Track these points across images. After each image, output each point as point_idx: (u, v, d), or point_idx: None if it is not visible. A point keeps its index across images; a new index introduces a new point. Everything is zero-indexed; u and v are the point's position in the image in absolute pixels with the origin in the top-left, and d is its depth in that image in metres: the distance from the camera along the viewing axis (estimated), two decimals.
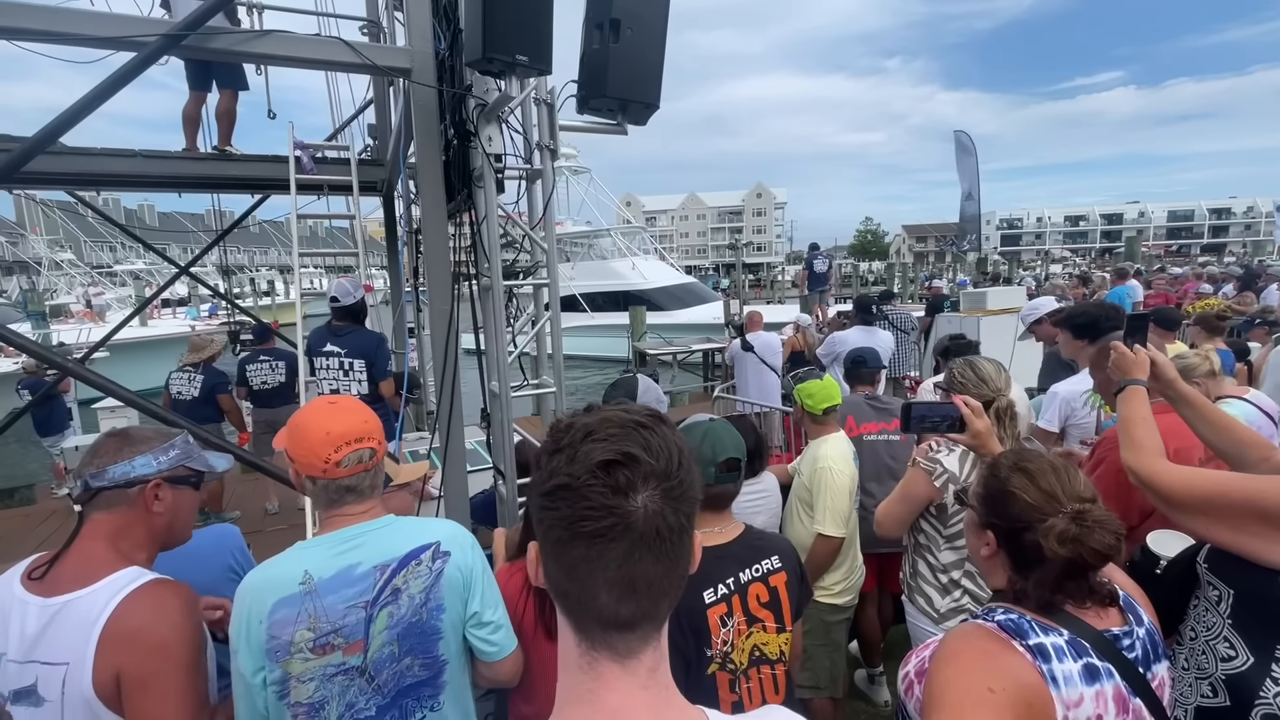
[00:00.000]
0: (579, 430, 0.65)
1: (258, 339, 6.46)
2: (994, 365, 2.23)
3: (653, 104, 3.08)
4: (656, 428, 0.66)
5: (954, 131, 18.41)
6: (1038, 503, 1.13)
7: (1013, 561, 1.19)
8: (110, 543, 1.29)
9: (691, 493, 0.66)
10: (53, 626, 1.19)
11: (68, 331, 15.62)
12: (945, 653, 1.10)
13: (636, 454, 0.62)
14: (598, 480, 0.61)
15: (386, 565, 1.29)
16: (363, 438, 1.31)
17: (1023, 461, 1.21)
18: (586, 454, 0.62)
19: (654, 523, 0.62)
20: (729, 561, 1.63)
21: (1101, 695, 1.03)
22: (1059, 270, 33.05)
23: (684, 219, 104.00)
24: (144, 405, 3.21)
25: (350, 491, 1.32)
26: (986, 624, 1.11)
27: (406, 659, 1.31)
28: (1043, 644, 1.05)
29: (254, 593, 1.23)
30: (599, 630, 0.64)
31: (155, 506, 1.33)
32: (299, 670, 1.22)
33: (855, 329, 5.66)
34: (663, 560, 0.63)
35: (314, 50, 2.72)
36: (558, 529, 0.62)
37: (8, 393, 8.40)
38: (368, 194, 5.27)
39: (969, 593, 2.10)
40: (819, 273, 12.97)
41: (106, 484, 1.28)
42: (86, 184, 5.17)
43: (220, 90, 4.87)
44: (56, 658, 1.17)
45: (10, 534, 5.49)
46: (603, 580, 0.61)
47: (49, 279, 27.18)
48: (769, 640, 1.65)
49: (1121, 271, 11.18)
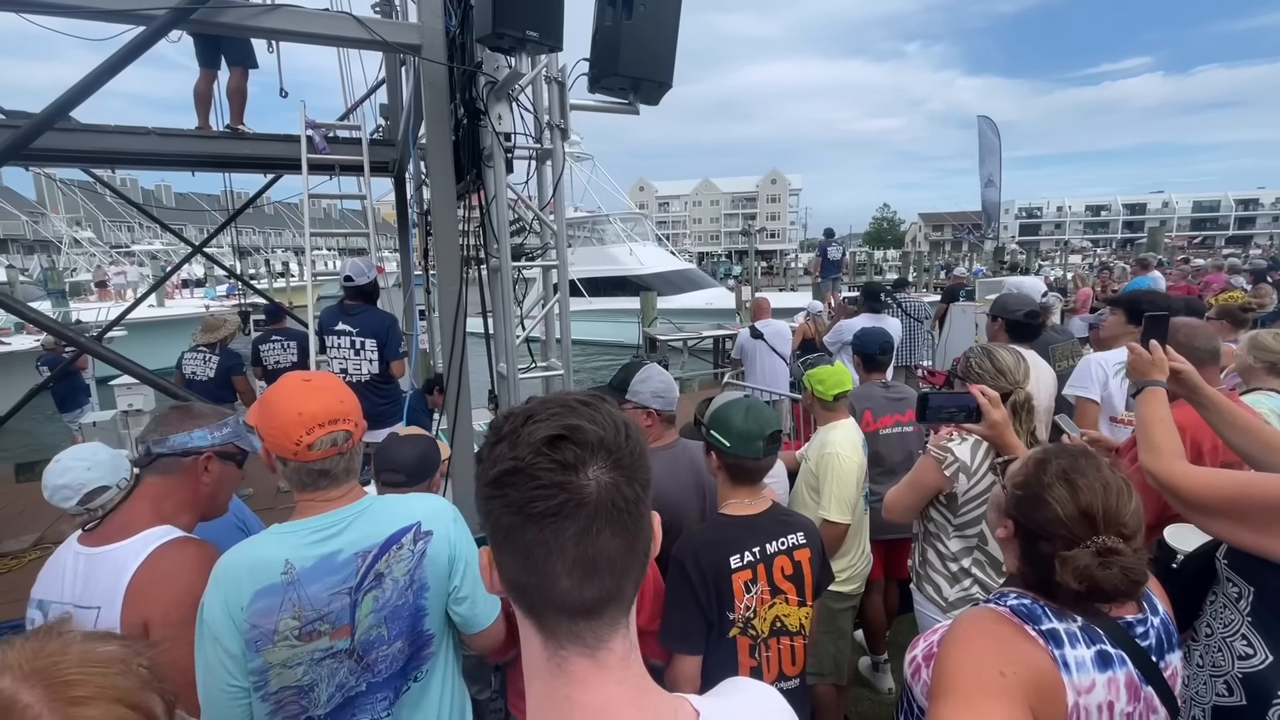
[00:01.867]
0: (518, 416, 0.63)
1: (270, 319, 6.50)
2: (1013, 356, 2.16)
3: (665, 83, 3.03)
4: (597, 404, 0.64)
5: (978, 117, 18.08)
6: (1069, 521, 1.06)
7: (1023, 557, 1.16)
8: (155, 504, 1.41)
9: (643, 462, 0.63)
10: (91, 573, 1.31)
11: (87, 310, 15.85)
12: (955, 635, 1.09)
13: (581, 425, 0.60)
14: (544, 457, 0.58)
15: (367, 552, 1.26)
16: (338, 419, 1.24)
17: (1075, 472, 1.10)
18: (529, 434, 0.60)
19: (608, 495, 0.59)
20: (757, 532, 1.69)
21: (1114, 682, 1.02)
22: (1078, 261, 32.45)
23: (697, 204, 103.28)
24: (158, 383, 3.24)
25: (323, 476, 1.26)
26: (998, 608, 1.09)
27: (397, 641, 1.30)
28: (1055, 629, 1.03)
29: (233, 578, 1.19)
30: (564, 621, 0.60)
31: (204, 477, 1.46)
32: (284, 657, 1.19)
33: (863, 316, 5.59)
34: (621, 534, 0.60)
35: (323, 25, 2.69)
36: (508, 516, 0.59)
37: (28, 369, 8.54)
38: (379, 175, 5.25)
39: (979, 582, 2.07)
40: (833, 260, 12.84)
41: (166, 450, 1.43)
42: (101, 162, 5.20)
43: (230, 68, 4.86)
44: (90, 601, 1.28)
45: (32, 506, 5.60)
46: (560, 564, 0.58)
47: (69, 257, 27.54)
48: (790, 612, 1.70)
49: (1143, 262, 10.94)
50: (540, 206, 3.24)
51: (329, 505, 1.28)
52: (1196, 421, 1.73)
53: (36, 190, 38.96)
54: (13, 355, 11.01)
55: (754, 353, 6.07)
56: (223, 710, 1.19)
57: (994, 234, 19.92)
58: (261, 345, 5.71)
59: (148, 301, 10.12)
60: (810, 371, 2.72)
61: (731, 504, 1.76)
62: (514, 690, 1.80)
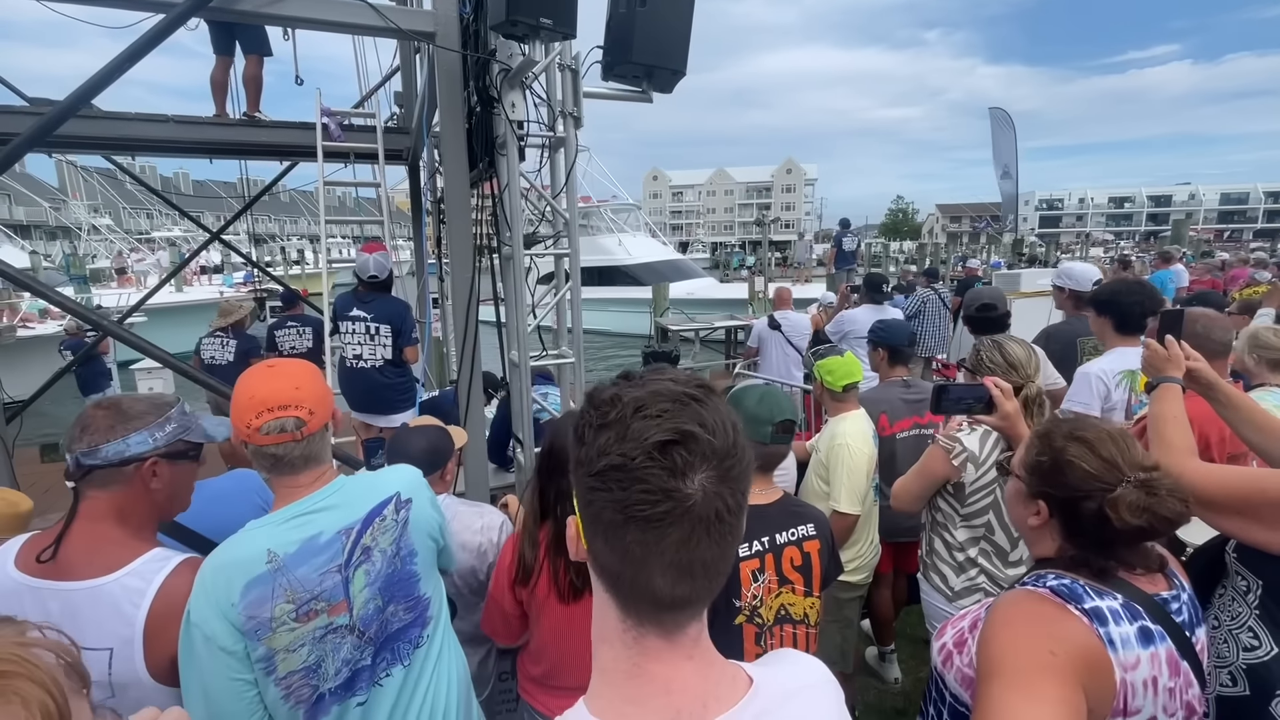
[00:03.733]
0: (628, 404, 0.60)
1: (286, 304, 6.58)
2: (1024, 349, 2.15)
3: (679, 71, 3.01)
4: (708, 400, 0.62)
5: (990, 109, 17.83)
6: (1098, 471, 1.10)
7: (1066, 530, 1.16)
8: (118, 523, 1.25)
9: (748, 471, 0.63)
10: (84, 611, 1.18)
11: (108, 295, 16.13)
12: (999, 618, 1.09)
13: (694, 432, 0.59)
14: (654, 462, 0.57)
15: (350, 529, 1.28)
16: (288, 405, 1.22)
17: (1079, 430, 1.17)
18: (639, 432, 0.58)
19: (712, 505, 0.59)
20: (767, 522, 1.70)
21: (1156, 658, 1.03)
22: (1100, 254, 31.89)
23: (711, 194, 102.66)
24: (179, 366, 3.29)
25: (278, 461, 1.25)
26: (1038, 589, 1.09)
27: (391, 607, 1.33)
28: (1099, 607, 1.04)
29: (219, 574, 1.19)
30: (649, 610, 0.62)
31: (154, 484, 1.28)
32: (286, 641, 1.21)
33: (864, 308, 5.53)
34: (720, 543, 0.60)
35: (338, 12, 2.70)
36: (610, 511, 0.59)
37: (51, 353, 8.72)
38: (393, 162, 5.28)
39: (985, 571, 2.07)
40: (847, 251, 12.73)
41: (99, 463, 1.21)
42: (121, 148, 5.27)
43: (246, 56, 4.90)
44: (97, 643, 1.17)
45: (56, 486, 5.74)
46: (657, 564, 0.59)
47: (89, 244, 27.98)
48: (796, 601, 1.71)
49: (1166, 255, 10.74)
50: (553, 194, 3.25)
51: (300, 492, 1.28)
52: (1206, 413, 1.71)
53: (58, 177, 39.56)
54: (37, 340, 11.24)
55: (769, 343, 6.05)
56: (231, 706, 1.20)
57: (1012, 226, 19.62)
58: (277, 330, 5.79)
59: (166, 287, 10.27)
60: (820, 362, 2.71)
61: None
62: (525, 675, 1.82)
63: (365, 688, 1.31)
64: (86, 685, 0.66)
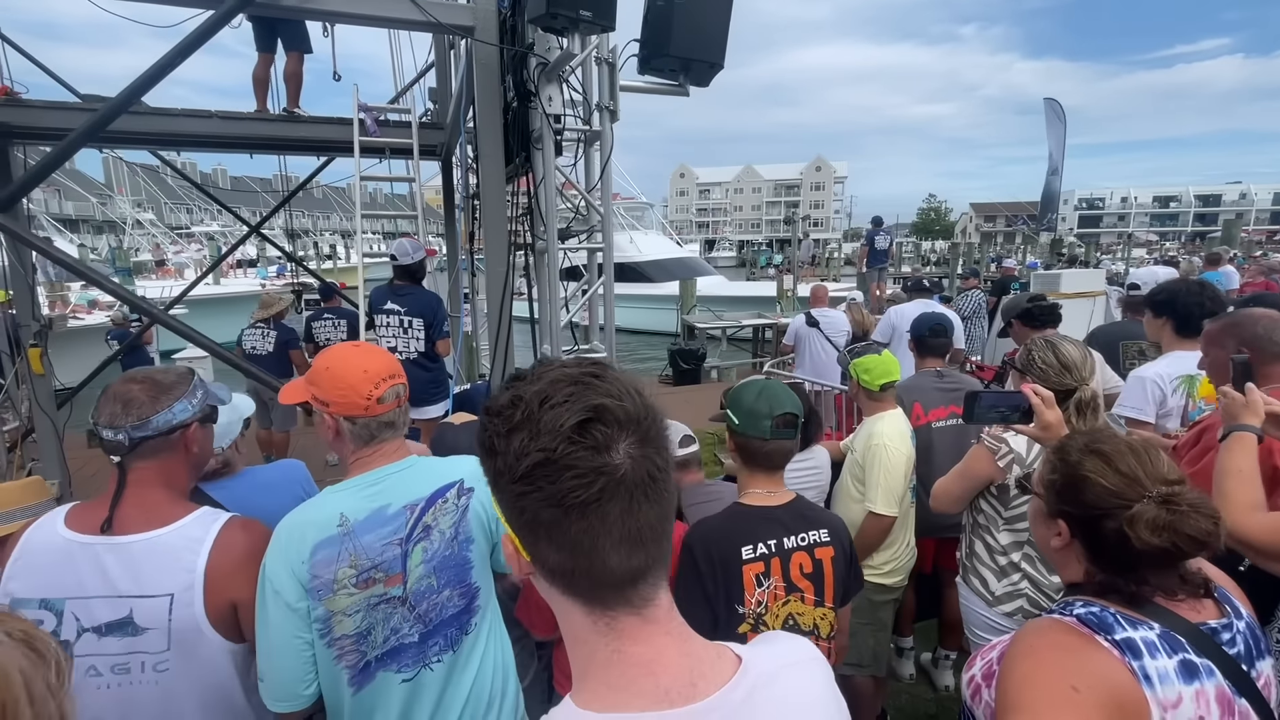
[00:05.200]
0: (531, 401, 0.59)
1: (323, 297, 6.72)
2: (1079, 349, 2.03)
3: (717, 63, 2.99)
4: (606, 374, 0.62)
5: (1044, 100, 17.12)
6: (1117, 488, 1.02)
7: (1090, 553, 1.08)
8: (165, 486, 1.32)
9: (664, 429, 0.63)
10: (142, 561, 1.24)
11: (151, 287, 16.65)
12: (1020, 649, 1.01)
13: (605, 404, 0.58)
14: (576, 445, 0.57)
15: (415, 505, 1.34)
16: (395, 374, 1.36)
17: (1095, 443, 1.09)
18: (552, 422, 0.57)
19: (643, 469, 0.59)
20: (774, 524, 1.62)
21: (1202, 695, 0.93)
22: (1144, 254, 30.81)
23: (738, 192, 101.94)
24: (224, 354, 3.38)
25: (388, 427, 1.35)
26: (1064, 618, 1.02)
27: (445, 590, 1.37)
28: (1131, 638, 0.95)
29: (294, 531, 1.26)
30: (613, 592, 0.61)
31: (193, 447, 1.36)
32: (344, 605, 1.26)
33: (915, 303, 5.44)
34: (659, 502, 0.61)
35: (379, 7, 2.74)
36: (546, 509, 0.58)
37: (98, 343, 9.04)
38: (427, 158, 5.34)
39: (1028, 577, 2.01)
40: (880, 249, 12.51)
41: (150, 433, 1.28)
42: (168, 144, 5.43)
43: (287, 53, 5.00)
44: (156, 590, 1.23)
45: (104, 469, 5.95)
46: (607, 543, 0.58)
47: (133, 238, 28.94)
48: (805, 611, 1.63)
49: (1214, 257, 10.32)
50: (588, 188, 3.25)
51: (383, 460, 1.35)
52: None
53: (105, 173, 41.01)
54: (85, 330, 11.65)
55: (806, 340, 5.96)
56: (288, 662, 1.26)
57: (1051, 225, 19.05)
58: (314, 322, 5.92)
59: (205, 279, 10.58)
60: (856, 360, 2.66)
61: (750, 493, 1.68)
62: (560, 671, 1.82)
63: (411, 665, 1.34)
64: (52, 664, 0.65)
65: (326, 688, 1.31)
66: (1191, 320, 2.54)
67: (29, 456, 5.32)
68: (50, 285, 12.15)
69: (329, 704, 1.33)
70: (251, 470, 1.76)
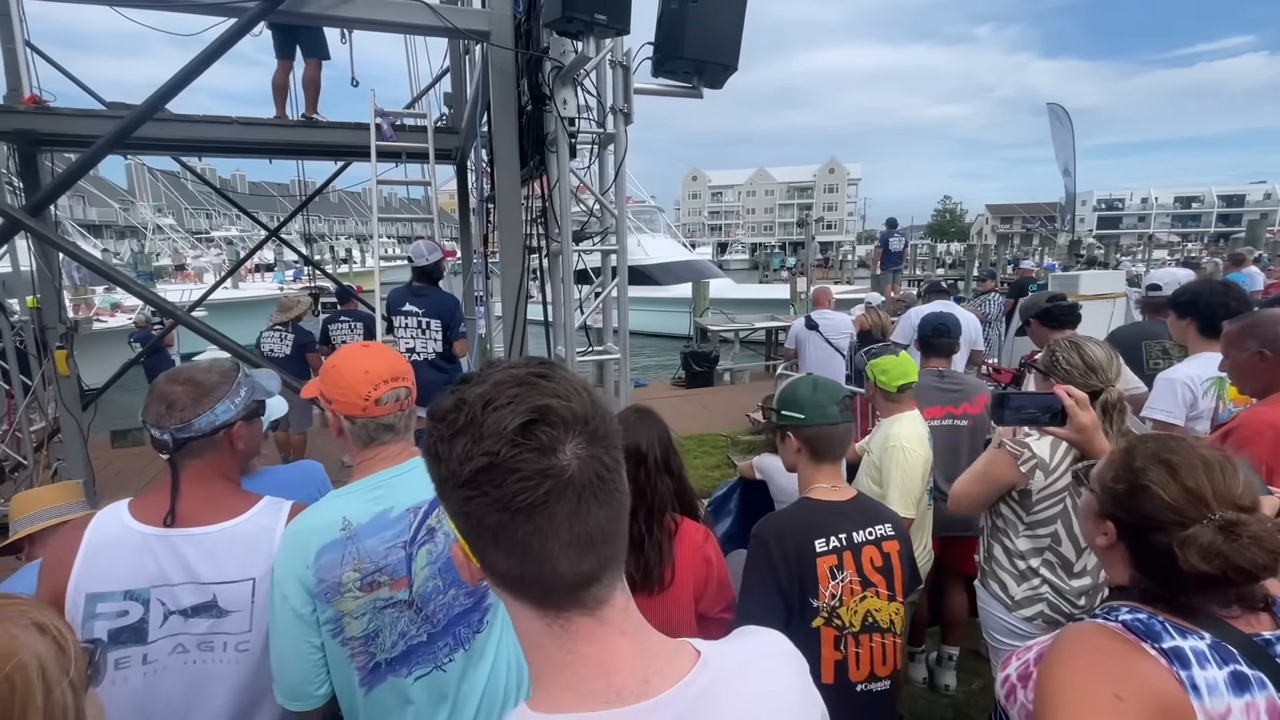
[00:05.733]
0: (474, 404, 0.58)
1: (340, 300, 6.81)
2: (1104, 350, 1.99)
3: (731, 66, 2.99)
4: (553, 373, 0.61)
5: (1047, 105, 17.12)
6: (1178, 503, 0.96)
7: (1136, 560, 1.04)
8: (222, 479, 1.38)
9: (613, 428, 0.61)
10: (222, 550, 1.30)
11: (171, 290, 16.94)
12: (1061, 652, 0.98)
13: (549, 405, 0.57)
14: (519, 447, 0.55)
15: (418, 507, 1.34)
16: (398, 376, 1.36)
17: (1167, 452, 1.01)
18: (495, 424, 0.56)
19: (590, 470, 0.57)
20: (843, 518, 1.64)
21: (1253, 708, 0.89)
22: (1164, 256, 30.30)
23: (751, 194, 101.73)
24: (246, 355, 3.44)
25: (388, 430, 1.36)
26: (1109, 624, 0.98)
27: (451, 590, 1.36)
28: (1180, 647, 0.91)
29: (298, 537, 1.28)
30: (564, 596, 0.60)
31: (239, 443, 1.40)
32: (351, 608, 1.27)
33: (934, 304, 5.41)
34: (610, 504, 0.59)
35: (398, 13, 2.77)
36: (492, 514, 0.56)
37: (121, 345, 9.21)
38: (443, 162, 5.40)
39: (1048, 582, 1.98)
40: (894, 251, 12.43)
41: (193, 435, 1.31)
42: (190, 149, 5.53)
43: (305, 59, 5.07)
44: (239, 575, 1.30)
45: (127, 470, 6.09)
46: (556, 546, 0.57)
47: (154, 243, 29.48)
48: (882, 607, 1.64)
49: (1238, 257, 10.11)
50: (601, 190, 3.26)
51: (385, 463, 1.36)
52: None
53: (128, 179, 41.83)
54: (108, 333, 11.87)
55: (806, 343, 5.96)
56: (297, 664, 1.28)
57: (1069, 226, 18.82)
58: (331, 325, 5.99)
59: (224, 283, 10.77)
60: (874, 361, 2.65)
61: (816, 489, 1.70)
62: None
63: (422, 665, 1.35)
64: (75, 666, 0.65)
65: (339, 686, 1.32)
66: (1215, 321, 2.50)
67: (54, 456, 5.44)
68: (75, 289, 12.40)
69: (343, 703, 1.34)
70: (270, 470, 1.78)
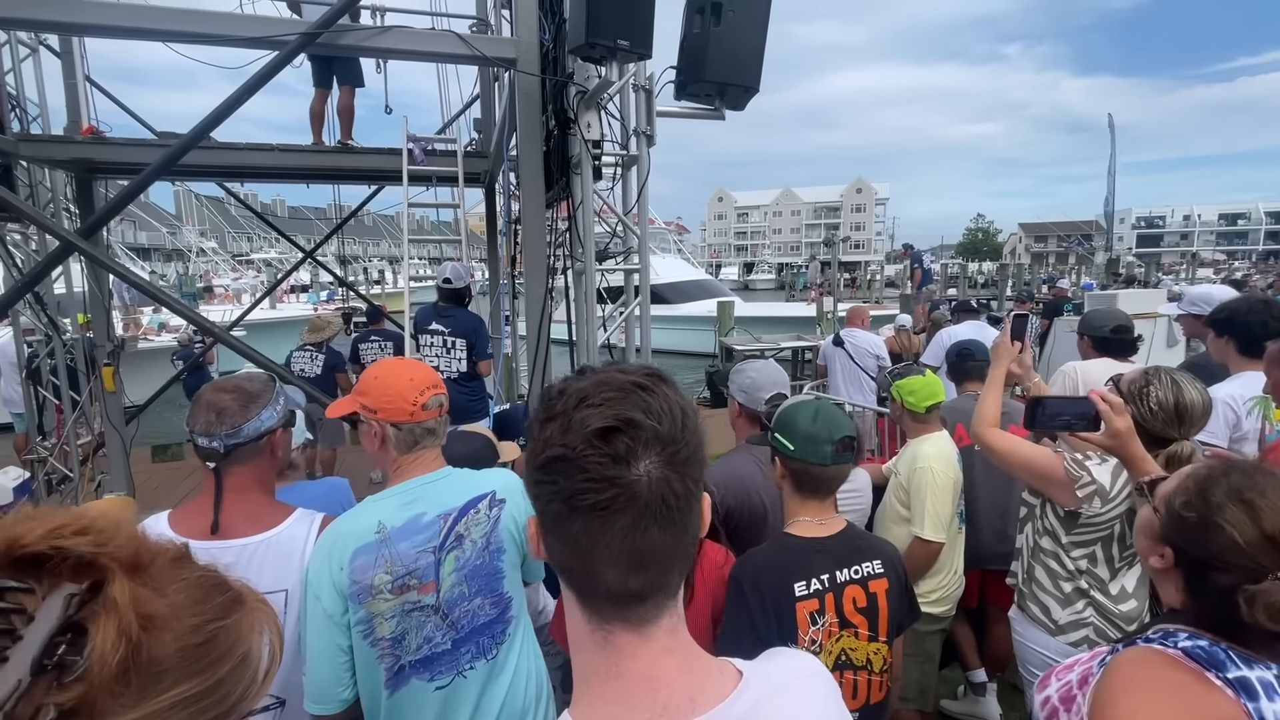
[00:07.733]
0: (572, 396, 0.60)
1: (370, 320, 6.96)
2: (1203, 400, 1.69)
3: (752, 87, 3.03)
4: (656, 388, 0.61)
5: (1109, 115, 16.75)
6: (1253, 549, 0.89)
7: (1191, 591, 0.98)
8: (260, 489, 1.43)
9: (698, 455, 0.61)
10: (258, 561, 1.36)
11: (213, 311, 17.56)
12: (1119, 680, 0.93)
13: (636, 418, 0.57)
14: (595, 450, 0.56)
15: (448, 514, 1.39)
16: (437, 384, 1.45)
17: (1252, 491, 0.92)
18: (582, 421, 0.57)
19: (659, 491, 0.57)
20: (826, 557, 1.53)
21: None
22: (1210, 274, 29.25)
23: (777, 214, 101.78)
24: (284, 374, 3.54)
25: (430, 434, 1.43)
26: (1168, 650, 0.93)
27: (477, 599, 1.40)
28: (1246, 678, 0.86)
29: (335, 541, 1.32)
30: (609, 606, 0.61)
31: (278, 450, 1.47)
32: (382, 609, 1.31)
33: (966, 324, 5.32)
34: (670, 530, 0.59)
35: (430, 44, 2.88)
36: (555, 503, 0.58)
37: (163, 363, 9.55)
38: (472, 185, 5.53)
39: (1094, 604, 1.89)
40: (927, 269, 12.30)
41: (242, 440, 1.37)
42: (233, 176, 5.77)
43: (341, 88, 5.28)
44: (274, 586, 1.34)
45: (165, 483, 6.28)
46: (606, 555, 0.57)
47: (198, 265, 30.68)
48: (858, 646, 1.56)
49: None
50: (625, 211, 3.30)
51: (420, 470, 1.41)
52: None
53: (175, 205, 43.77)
54: (152, 351, 12.34)
55: (833, 360, 5.90)
56: (326, 665, 1.31)
57: (1106, 245, 18.37)
58: (361, 344, 6.13)
59: (262, 303, 11.14)
60: (900, 382, 2.60)
61: (800, 522, 1.59)
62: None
63: (445, 672, 1.37)
64: None
65: (365, 689, 1.35)
66: (1254, 339, 2.41)
67: (99, 469, 5.64)
68: (125, 308, 12.94)
69: (366, 706, 1.36)
70: (300, 485, 1.83)
